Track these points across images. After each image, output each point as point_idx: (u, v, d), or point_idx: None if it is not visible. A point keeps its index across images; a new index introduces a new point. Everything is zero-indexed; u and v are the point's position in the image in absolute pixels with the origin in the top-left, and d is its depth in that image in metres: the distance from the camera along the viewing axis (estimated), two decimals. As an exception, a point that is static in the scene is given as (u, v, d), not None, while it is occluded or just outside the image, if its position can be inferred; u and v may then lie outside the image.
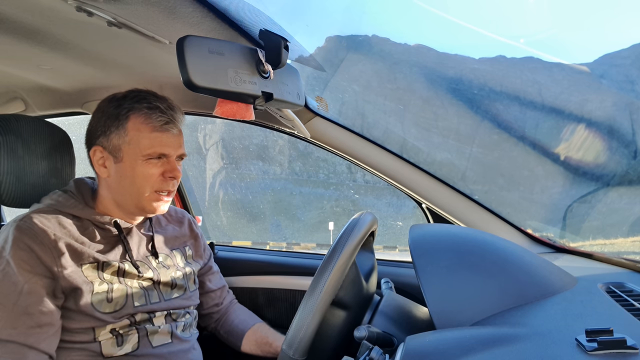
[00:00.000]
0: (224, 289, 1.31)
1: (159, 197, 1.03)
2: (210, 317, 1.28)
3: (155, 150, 1.00)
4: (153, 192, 1.02)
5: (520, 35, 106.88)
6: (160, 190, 1.02)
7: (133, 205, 1.03)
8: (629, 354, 0.51)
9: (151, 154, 1.00)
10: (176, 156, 1.04)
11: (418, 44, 31.05)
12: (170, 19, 0.85)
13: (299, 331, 0.72)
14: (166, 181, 1.02)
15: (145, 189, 1.01)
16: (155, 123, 1.00)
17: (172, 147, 1.02)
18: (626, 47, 25.97)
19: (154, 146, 1.00)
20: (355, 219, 0.84)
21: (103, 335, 0.96)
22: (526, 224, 1.35)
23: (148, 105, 1.00)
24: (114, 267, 0.99)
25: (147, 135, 0.99)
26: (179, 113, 1.05)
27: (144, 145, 0.99)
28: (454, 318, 0.69)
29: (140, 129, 0.99)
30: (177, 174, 1.03)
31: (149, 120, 1.00)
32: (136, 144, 0.99)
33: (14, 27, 0.98)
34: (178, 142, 1.04)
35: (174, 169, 1.03)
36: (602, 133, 22.59)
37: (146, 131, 1.00)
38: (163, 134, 1.01)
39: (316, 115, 1.33)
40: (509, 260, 0.79)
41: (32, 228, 0.93)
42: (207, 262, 1.28)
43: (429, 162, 22.64)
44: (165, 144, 1.01)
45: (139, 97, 1.02)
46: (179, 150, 1.04)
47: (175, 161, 1.05)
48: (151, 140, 1.00)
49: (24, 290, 0.89)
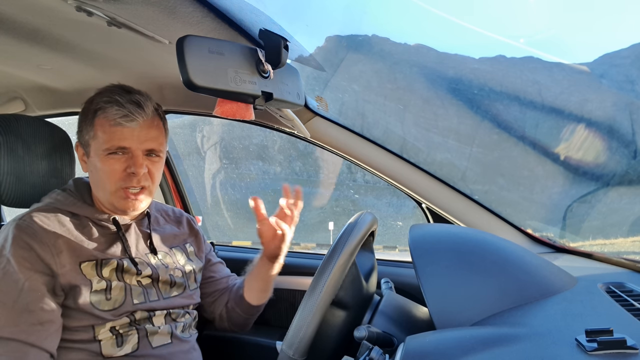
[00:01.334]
0: (230, 277, 1.31)
1: (127, 194, 1.01)
2: (220, 301, 1.26)
3: (113, 144, 0.99)
4: (119, 189, 1.00)
5: (520, 35, 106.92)
6: (125, 187, 1.00)
7: (107, 202, 1.03)
8: (629, 354, 0.51)
9: (109, 148, 0.99)
10: (143, 151, 1.01)
11: (418, 43, 31.04)
12: (170, 19, 0.85)
13: (299, 331, 0.72)
14: (129, 177, 1.00)
15: (109, 185, 1.00)
16: (111, 117, 0.98)
17: (133, 140, 0.99)
18: (626, 47, 25.98)
19: (112, 140, 0.98)
20: (355, 219, 0.84)
21: (103, 334, 0.96)
22: (526, 224, 1.35)
23: (108, 99, 1.00)
24: (113, 265, 0.99)
25: (106, 129, 0.99)
26: (145, 107, 1.00)
27: (103, 140, 0.99)
28: (454, 318, 0.69)
29: (102, 123, 0.99)
30: (139, 170, 0.99)
31: (106, 113, 0.99)
32: (98, 139, 1.00)
33: (14, 27, 0.98)
34: (142, 135, 1.00)
35: (136, 164, 0.99)
36: (602, 133, 22.59)
37: (106, 125, 0.99)
38: (122, 128, 0.98)
39: (316, 115, 1.33)
40: (509, 260, 0.79)
41: (31, 226, 0.93)
42: (208, 256, 1.28)
43: (429, 162, 22.64)
44: (124, 137, 0.98)
45: (106, 92, 1.01)
46: (144, 144, 1.00)
47: (145, 156, 1.02)
48: (109, 134, 0.99)
49: (24, 288, 0.89)
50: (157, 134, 1.04)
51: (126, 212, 1.04)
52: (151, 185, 1.04)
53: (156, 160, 1.04)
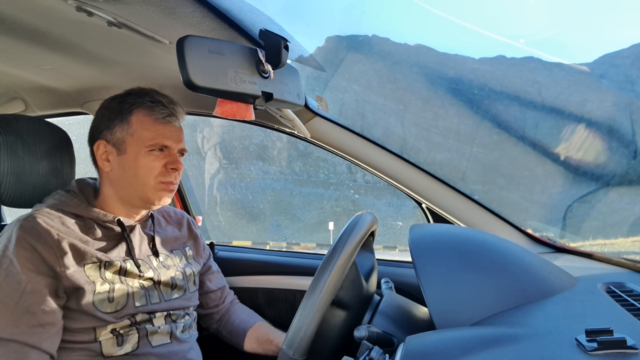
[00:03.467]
0: (224, 289, 1.31)
1: (164, 186, 1.04)
2: (211, 317, 1.29)
3: (157, 142, 1.03)
4: (157, 182, 1.04)
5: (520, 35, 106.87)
6: (165, 182, 1.04)
7: (137, 198, 1.05)
8: (629, 354, 0.51)
9: (153, 145, 1.02)
10: (177, 150, 1.07)
11: (418, 44, 31.04)
12: (170, 19, 0.85)
13: (299, 331, 0.72)
14: (168, 172, 1.04)
15: (149, 180, 1.03)
16: (157, 115, 1.03)
17: (174, 140, 1.05)
18: (626, 47, 25.98)
19: (156, 138, 1.03)
20: (355, 219, 0.84)
21: (104, 336, 0.96)
22: (526, 224, 1.35)
23: (151, 99, 1.04)
24: (116, 267, 0.99)
25: (149, 127, 1.03)
26: (180, 108, 1.08)
27: (147, 137, 1.02)
28: (454, 318, 0.69)
29: (143, 121, 1.03)
30: (179, 166, 1.05)
31: (152, 112, 1.03)
32: (139, 136, 1.02)
33: (14, 27, 0.98)
34: (179, 136, 1.07)
35: (176, 160, 1.05)
36: (602, 133, 22.59)
37: (149, 123, 1.03)
38: (165, 126, 1.04)
39: (316, 115, 1.33)
40: (509, 260, 0.79)
41: (35, 227, 0.93)
42: (206, 262, 1.28)
43: (429, 162, 22.65)
44: (167, 136, 1.04)
45: (142, 93, 1.06)
46: (179, 144, 1.07)
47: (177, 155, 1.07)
48: (154, 132, 1.03)
49: (26, 290, 0.89)
50: (183, 137, 1.10)
51: (158, 203, 1.06)
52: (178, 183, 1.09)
53: (181, 161, 1.09)
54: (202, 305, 1.27)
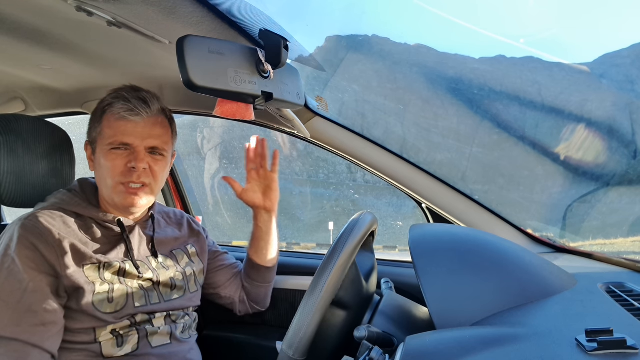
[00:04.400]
0: (237, 263, 1.34)
1: (127, 188, 1.01)
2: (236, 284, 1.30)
3: (116, 139, 1.00)
4: (119, 184, 1.00)
5: (520, 35, 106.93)
6: (124, 183, 1.00)
7: (109, 199, 1.04)
8: (629, 354, 0.51)
9: (113, 142, 1.00)
10: (145, 147, 1.02)
11: (418, 44, 31.03)
12: (170, 19, 0.85)
13: (299, 331, 0.72)
14: (129, 172, 1.00)
15: (110, 180, 1.00)
16: (116, 111, 1.00)
17: (136, 136, 1.00)
18: (626, 47, 25.98)
19: (115, 135, 1.00)
20: (355, 219, 0.84)
21: (104, 336, 0.96)
22: (526, 224, 1.35)
23: (115, 95, 1.02)
24: (115, 267, 0.99)
25: (111, 124, 1.01)
26: (151, 104, 1.02)
27: (108, 135, 1.01)
28: (454, 318, 0.69)
29: (108, 118, 1.02)
30: (139, 165, 0.99)
31: (112, 108, 1.01)
32: (104, 134, 1.02)
33: (14, 27, 0.98)
34: (145, 132, 1.01)
35: (137, 159, 1.00)
36: (602, 133, 22.59)
37: (111, 120, 1.01)
38: (126, 122, 1.00)
39: (316, 115, 1.33)
40: (509, 260, 0.79)
41: (37, 227, 0.93)
42: (212, 250, 1.30)
43: (429, 162, 22.64)
44: (127, 133, 1.00)
45: (115, 91, 1.04)
46: (147, 141, 1.01)
47: (147, 154, 1.02)
48: (114, 129, 1.00)
49: (28, 288, 0.89)
50: (161, 133, 1.04)
51: (127, 209, 1.03)
52: (153, 183, 1.04)
53: (159, 159, 1.04)
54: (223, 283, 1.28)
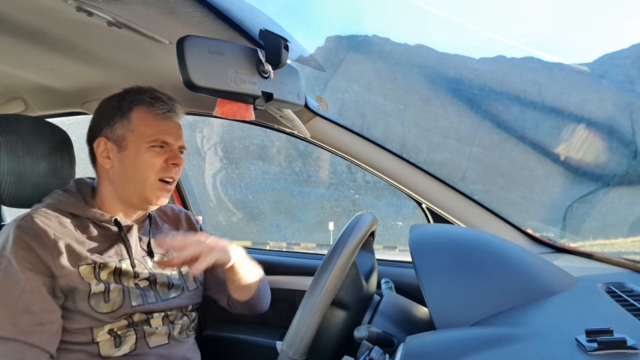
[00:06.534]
0: None
1: (163, 185, 1.05)
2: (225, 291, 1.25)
3: (158, 137, 1.03)
4: (157, 180, 1.04)
5: (520, 35, 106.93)
6: (163, 178, 1.04)
7: (136, 196, 1.04)
8: (629, 354, 0.51)
9: (154, 140, 1.03)
10: (177, 147, 1.07)
11: (418, 44, 31.02)
12: (170, 19, 0.85)
13: (299, 331, 0.72)
14: (169, 168, 1.05)
15: (149, 176, 1.03)
16: (157, 111, 1.04)
17: (174, 136, 1.06)
18: (626, 47, 25.99)
19: (157, 133, 1.03)
20: (355, 219, 0.84)
21: (101, 336, 0.96)
22: (526, 224, 1.35)
23: (150, 95, 1.05)
24: (111, 268, 0.99)
25: (150, 123, 1.03)
26: (179, 105, 1.09)
27: (148, 133, 1.03)
28: (454, 318, 0.69)
29: (143, 117, 1.03)
30: (180, 161, 1.06)
31: (152, 108, 1.04)
32: (140, 132, 1.03)
33: (14, 27, 0.98)
34: (178, 132, 1.08)
35: (177, 156, 1.06)
36: (602, 133, 22.60)
37: (149, 119, 1.04)
38: (165, 122, 1.05)
39: (316, 115, 1.33)
40: (509, 260, 0.79)
41: (32, 227, 0.93)
42: None
43: (429, 162, 22.63)
44: (168, 132, 1.05)
45: (141, 91, 1.07)
46: (179, 141, 1.07)
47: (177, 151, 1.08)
48: (154, 128, 1.03)
49: (25, 289, 0.89)
50: (182, 133, 1.10)
51: (151, 205, 1.06)
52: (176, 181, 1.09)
53: (182, 159, 1.09)
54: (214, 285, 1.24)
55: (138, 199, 1.05)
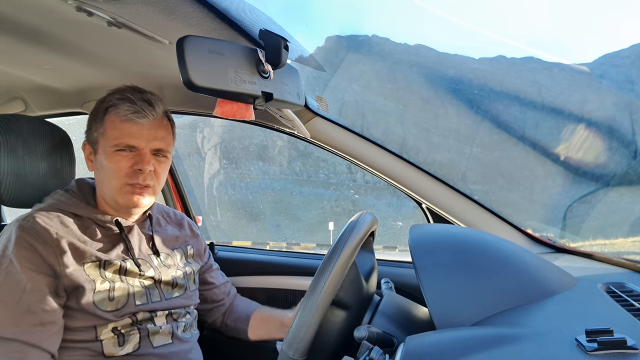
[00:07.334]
0: (227, 284, 1.33)
1: (132, 189, 1.01)
2: (218, 310, 1.29)
3: (122, 141, 1.00)
4: (125, 184, 1.01)
5: (520, 35, 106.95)
6: (130, 184, 1.01)
7: (111, 199, 1.03)
8: (629, 354, 0.51)
9: (118, 144, 1.00)
10: (151, 149, 1.02)
11: (418, 44, 31.03)
12: (170, 19, 0.85)
13: (299, 331, 0.72)
14: (135, 174, 1.00)
15: (115, 181, 1.00)
16: (122, 113, 1.00)
17: (142, 138, 1.01)
18: (626, 47, 25.99)
19: (121, 137, 1.00)
20: (355, 219, 0.84)
21: (105, 335, 0.96)
22: (526, 224, 1.35)
23: (120, 96, 1.01)
24: (116, 266, 0.99)
25: (117, 125, 1.00)
26: (156, 106, 1.03)
27: (113, 136, 1.00)
28: (454, 318, 0.69)
29: (112, 120, 1.01)
30: (145, 167, 1.00)
31: (118, 110, 1.00)
32: (108, 136, 1.01)
33: (14, 27, 0.98)
34: (151, 134, 1.02)
35: (143, 161, 1.00)
36: (602, 133, 22.59)
37: (117, 122, 1.01)
38: (132, 124, 1.00)
39: (316, 115, 1.33)
40: (509, 260, 0.79)
41: (34, 227, 0.93)
42: (207, 260, 1.29)
43: (429, 162, 22.63)
44: (134, 135, 1.00)
45: (118, 91, 1.03)
46: (152, 143, 1.02)
47: (152, 155, 1.03)
48: (119, 131, 1.00)
49: (27, 289, 0.89)
50: (165, 135, 1.05)
51: (129, 208, 1.03)
52: (156, 184, 1.05)
53: (162, 161, 1.05)
54: (209, 300, 1.27)
55: (114, 203, 1.04)
